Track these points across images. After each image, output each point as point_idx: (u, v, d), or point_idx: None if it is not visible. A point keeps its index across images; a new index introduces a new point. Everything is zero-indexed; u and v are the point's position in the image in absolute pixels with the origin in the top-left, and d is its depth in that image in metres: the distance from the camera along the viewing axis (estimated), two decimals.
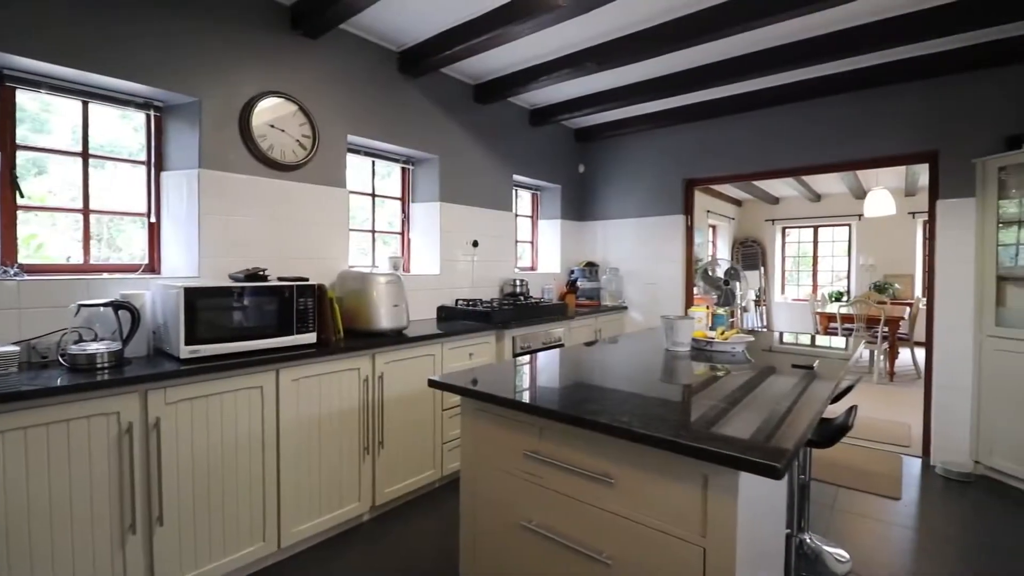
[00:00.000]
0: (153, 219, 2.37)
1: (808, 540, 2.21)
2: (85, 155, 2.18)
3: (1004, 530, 2.41)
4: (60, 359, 1.77)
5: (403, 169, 3.52)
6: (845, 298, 7.48)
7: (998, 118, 3.00)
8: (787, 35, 2.88)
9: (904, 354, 6.10)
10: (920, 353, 4.66)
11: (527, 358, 2.08)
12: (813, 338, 2.77)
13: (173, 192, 2.35)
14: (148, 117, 2.35)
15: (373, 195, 3.34)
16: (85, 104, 2.17)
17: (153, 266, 2.38)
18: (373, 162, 3.31)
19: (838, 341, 2.67)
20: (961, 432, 3.10)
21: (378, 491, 2.44)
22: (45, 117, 2.14)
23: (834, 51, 2.87)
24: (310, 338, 2.19)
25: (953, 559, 2.17)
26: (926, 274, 3.30)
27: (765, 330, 7.75)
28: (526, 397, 1.44)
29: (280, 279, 2.20)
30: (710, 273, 4.96)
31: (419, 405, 2.64)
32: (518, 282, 3.93)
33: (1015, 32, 2.77)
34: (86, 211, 2.19)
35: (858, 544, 2.29)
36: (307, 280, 2.21)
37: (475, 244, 3.72)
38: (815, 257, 8.87)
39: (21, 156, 2.03)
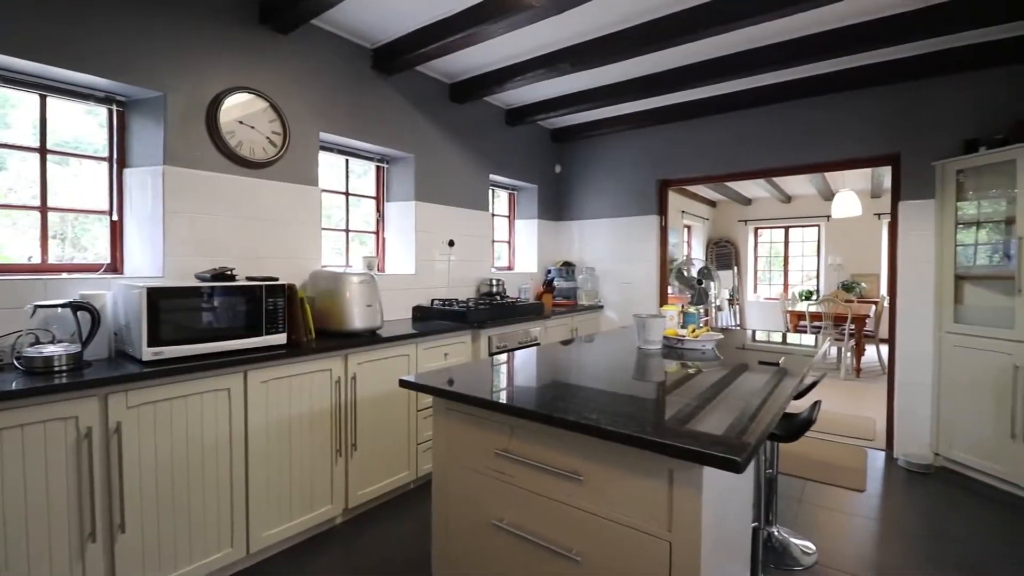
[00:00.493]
0: (115, 217, 2.30)
1: (776, 532, 2.26)
2: (43, 151, 2.10)
3: (961, 519, 2.50)
4: (15, 362, 1.70)
5: (378, 168, 3.48)
6: (814, 297, 7.67)
7: (957, 122, 3.11)
8: (759, 39, 2.95)
9: (870, 351, 6.29)
10: (885, 350, 4.82)
11: (501, 357, 2.08)
12: (784, 336, 2.83)
13: (136, 190, 2.28)
14: (110, 112, 2.28)
15: (347, 194, 3.30)
16: (43, 98, 2.09)
17: (116, 266, 2.30)
18: (347, 160, 3.27)
19: (807, 339, 2.74)
20: (922, 425, 3.22)
21: (351, 493, 2.40)
22: (1, 113, 2.06)
23: (806, 55, 2.93)
24: (280, 339, 2.15)
25: (913, 548, 2.25)
26: (890, 273, 3.40)
27: (738, 328, 7.90)
28: (498, 396, 1.44)
29: (249, 279, 2.16)
30: (684, 273, 5.05)
31: (393, 406, 2.61)
32: (495, 282, 3.93)
33: (973, 40, 2.89)
34: (43, 209, 2.11)
35: (824, 536, 2.35)
36: (276, 280, 2.17)
37: (451, 244, 3.71)
38: (786, 257, 9.09)
39: None
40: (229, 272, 2.08)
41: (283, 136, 2.61)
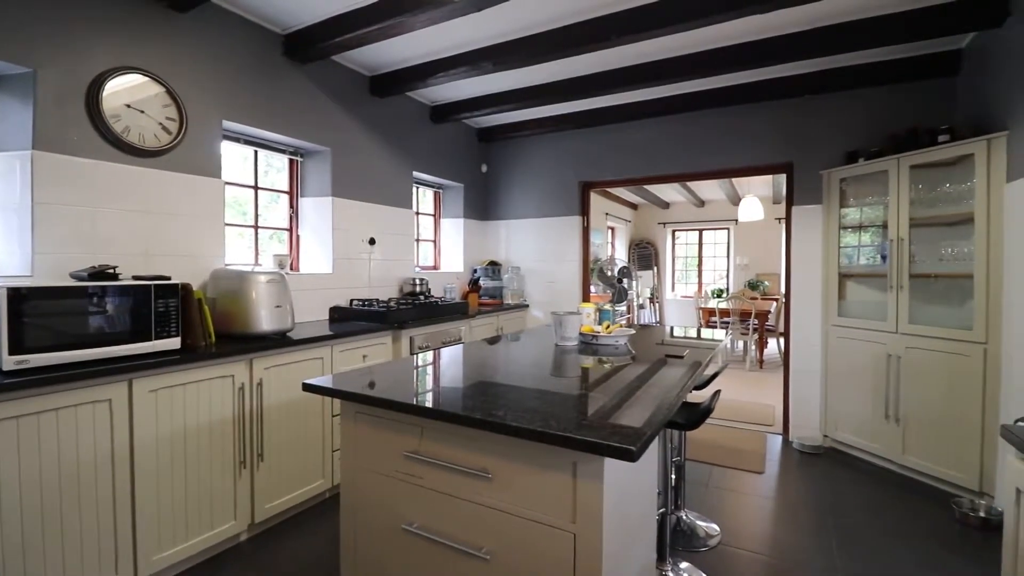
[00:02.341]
0: None
1: (684, 516, 2.38)
2: None
3: (845, 494, 2.77)
4: None
5: (291, 161, 3.30)
6: (724, 295, 8.22)
7: (841, 135, 3.45)
8: (671, 50, 3.11)
9: (772, 344, 6.83)
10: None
11: (418, 357, 2.03)
12: (699, 330, 3.00)
13: None
14: None
15: (256, 187, 3.10)
16: None
17: None
18: (256, 152, 3.07)
19: (716, 333, 2.92)
20: (813, 410, 3.54)
21: (258, 507, 2.25)
22: None
23: (715, 67, 3.12)
24: (173, 343, 1.97)
25: (804, 523, 2.46)
26: (787, 272, 3.71)
27: (658, 324, 8.31)
28: (407, 397, 1.41)
29: (136, 278, 1.96)
30: (606, 272, 5.22)
31: (306, 412, 2.48)
32: (418, 281, 3.85)
33: (857, 61, 3.21)
34: None
35: (728, 517, 2.51)
36: (168, 279, 1.99)
37: (372, 242, 3.59)
38: (700, 258, 9.68)
39: None
40: (111, 270, 1.88)
41: (179, 123, 2.40)
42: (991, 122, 2.63)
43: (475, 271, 4.71)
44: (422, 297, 3.75)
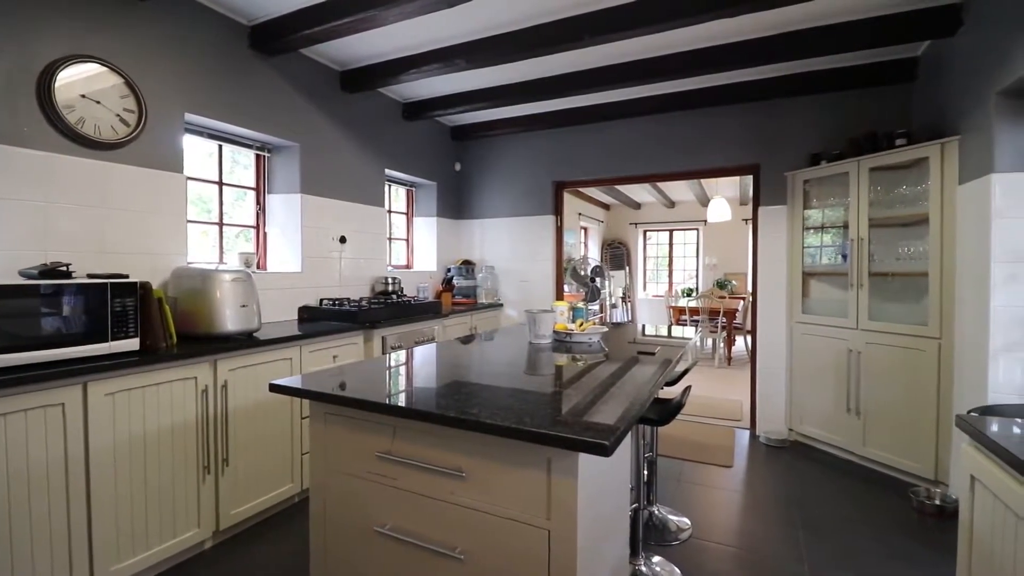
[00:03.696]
0: None
1: (656, 511, 2.42)
2: None
3: (808, 485, 2.85)
4: None
5: (258, 156, 3.21)
6: (694, 294, 8.39)
7: (805, 138, 3.56)
8: (643, 51, 3.15)
9: (740, 341, 7.01)
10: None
11: (390, 357, 2.00)
12: (669, 329, 3.04)
13: None
14: None
15: (220, 183, 3.00)
16: None
17: None
18: (220, 147, 2.97)
19: (686, 331, 2.97)
20: (779, 405, 3.64)
21: (223, 513, 2.18)
22: None
23: (687, 68, 3.17)
24: (131, 344, 1.89)
25: (770, 514, 2.52)
26: (753, 271, 3.80)
27: (630, 323, 8.41)
28: (379, 396, 1.38)
29: (90, 276, 1.87)
30: (579, 271, 5.26)
31: (274, 415, 2.42)
32: (390, 280, 3.80)
33: (820, 66, 3.32)
34: None
35: (698, 510, 2.56)
36: (126, 277, 1.90)
37: (343, 240, 3.53)
38: (670, 257, 9.85)
39: None
40: (63, 268, 1.79)
41: (138, 115, 2.30)
42: (945, 127, 2.75)
43: (449, 270, 4.68)
44: (394, 296, 3.70)
